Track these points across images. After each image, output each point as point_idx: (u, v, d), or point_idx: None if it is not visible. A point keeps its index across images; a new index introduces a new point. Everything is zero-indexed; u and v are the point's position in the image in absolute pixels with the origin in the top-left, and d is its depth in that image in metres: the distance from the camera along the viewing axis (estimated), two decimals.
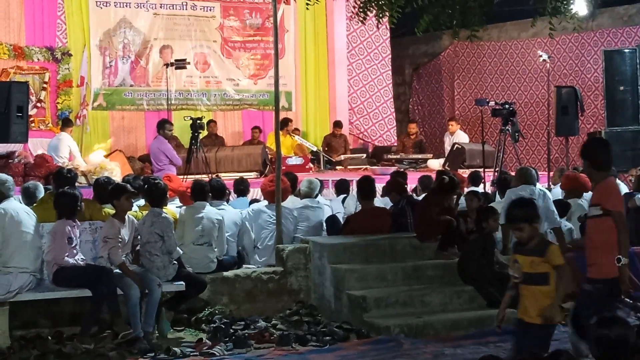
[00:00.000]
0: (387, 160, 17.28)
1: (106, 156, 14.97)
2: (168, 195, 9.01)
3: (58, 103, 16.40)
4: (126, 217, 8.10)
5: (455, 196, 9.79)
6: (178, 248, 8.20)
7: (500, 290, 8.16)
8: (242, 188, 11.38)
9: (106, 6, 17.25)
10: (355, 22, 18.76)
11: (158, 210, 8.23)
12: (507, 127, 13.60)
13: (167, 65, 16.73)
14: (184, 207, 9.17)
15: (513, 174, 11.51)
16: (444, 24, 10.11)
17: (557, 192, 12.04)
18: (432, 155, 17.66)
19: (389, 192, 10.24)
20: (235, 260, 9.18)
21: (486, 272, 8.37)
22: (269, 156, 15.65)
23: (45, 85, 16.31)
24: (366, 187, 9.95)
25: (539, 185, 10.85)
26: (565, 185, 11.49)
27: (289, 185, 10.30)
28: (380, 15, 10.07)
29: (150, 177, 10.87)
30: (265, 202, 10.13)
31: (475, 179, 12.61)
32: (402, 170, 14.71)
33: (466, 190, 11.68)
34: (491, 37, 20.28)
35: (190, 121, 14.52)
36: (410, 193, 10.77)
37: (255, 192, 12.60)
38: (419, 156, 17.43)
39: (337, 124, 18.41)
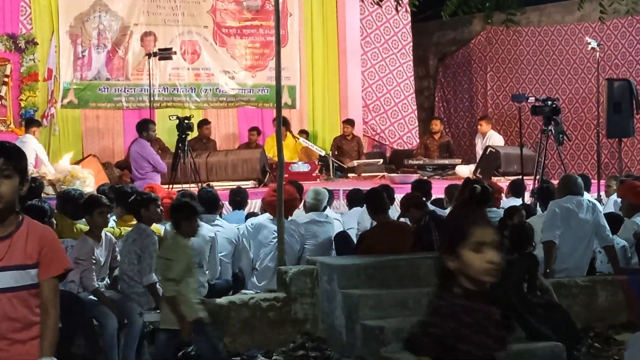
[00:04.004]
0: (407, 167, 17.27)
1: (76, 162, 14.98)
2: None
3: (22, 100, 16.44)
4: (102, 234, 8.11)
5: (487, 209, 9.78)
6: (154, 274, 8.11)
7: (543, 320, 8.17)
8: (238, 199, 11.34)
9: None
10: (370, 4, 18.80)
11: (144, 226, 8.24)
12: (549, 128, 13.58)
13: (149, 55, 16.74)
14: (169, 223, 9.15)
15: (556, 182, 11.49)
16: (475, 7, 10.12)
17: (610, 204, 12.02)
18: (461, 160, 17.65)
19: (408, 209, 10.20)
20: (230, 285, 9.17)
21: (527, 299, 8.35)
22: (269, 162, 15.66)
23: (6, 80, 16.36)
24: (374, 199, 9.92)
25: (587, 196, 10.83)
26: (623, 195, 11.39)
27: (298, 197, 10.29)
28: None
29: (126, 185, 10.87)
30: (268, 216, 10.12)
31: (517, 189, 12.58)
32: (425, 178, 14.70)
33: (505, 200, 11.65)
34: (530, 22, 20.27)
35: (177, 121, 14.53)
36: (433, 208, 10.74)
37: (252, 204, 12.59)
38: (446, 161, 17.41)
39: (349, 123, 18.41)
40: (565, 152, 17.65)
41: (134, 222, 9.10)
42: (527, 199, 12.99)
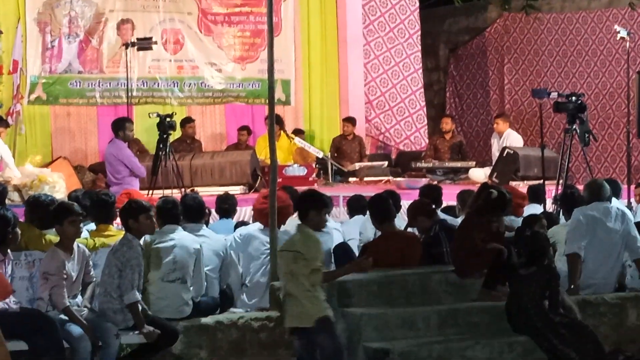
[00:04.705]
0: (415, 170, 17.29)
1: (45, 165, 14.96)
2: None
3: None
4: (74, 246, 8.10)
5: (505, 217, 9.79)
6: (136, 292, 8.13)
7: (567, 342, 8.18)
8: (226, 207, 11.37)
9: None
10: None
11: (130, 236, 8.24)
12: (573, 126, 13.60)
13: (126, 45, 16.73)
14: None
15: (581, 187, 11.50)
16: None
17: None
18: (474, 163, 17.65)
19: (415, 218, 10.21)
20: (217, 303, 9.16)
21: (548, 318, 8.36)
22: (261, 165, 15.66)
23: None
24: (379, 207, 9.93)
25: (616, 203, 10.84)
26: None
27: (291, 204, 10.29)
28: None
29: (100, 191, 10.87)
30: (259, 225, 10.13)
31: (538, 195, 12.60)
32: (435, 183, 14.70)
33: (526, 209, 11.66)
34: (552, 8, 20.30)
35: (158, 119, 14.53)
36: (444, 217, 10.75)
37: (242, 212, 12.58)
38: (458, 164, 17.42)
39: (349, 122, 18.41)
40: (591, 153, 17.66)
41: (110, 232, 9.12)
42: (549, 206, 13.00)
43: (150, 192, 13.32)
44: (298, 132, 18.11)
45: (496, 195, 9.30)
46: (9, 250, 7.91)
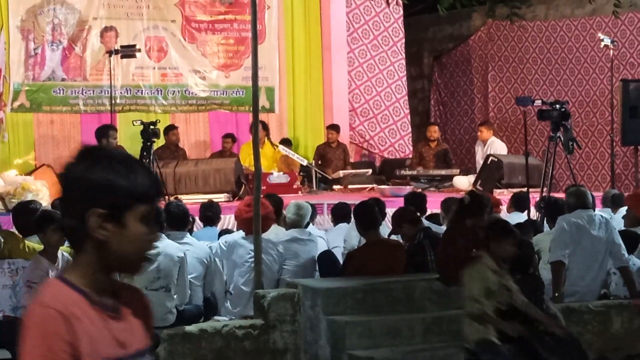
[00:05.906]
0: (399, 178, 17.29)
1: (27, 173, 14.91)
2: None
3: None
4: (58, 254, 8.08)
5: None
6: None
7: (552, 350, 8.19)
8: (210, 214, 11.37)
9: None
10: None
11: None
12: (557, 134, 13.64)
13: (110, 53, 16.70)
14: None
15: (562, 195, 11.53)
16: None
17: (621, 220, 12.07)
18: (459, 170, 17.68)
19: (400, 225, 10.22)
20: (200, 311, 9.16)
21: (533, 326, 8.37)
22: (245, 172, 15.66)
23: None
24: (365, 214, 9.94)
25: (599, 211, 10.87)
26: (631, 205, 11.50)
27: (272, 210, 10.30)
28: None
29: None
30: (242, 233, 10.13)
31: (521, 203, 12.61)
32: (419, 190, 14.72)
33: (508, 215, 11.67)
34: (536, 16, 20.33)
35: (141, 127, 14.53)
36: (428, 224, 10.76)
37: (226, 220, 12.58)
38: (442, 172, 17.44)
39: (334, 129, 18.41)
40: (575, 161, 17.69)
41: None
42: (533, 213, 13.01)
43: None
44: (286, 142, 18.08)
45: (469, 200, 9.31)
46: None
